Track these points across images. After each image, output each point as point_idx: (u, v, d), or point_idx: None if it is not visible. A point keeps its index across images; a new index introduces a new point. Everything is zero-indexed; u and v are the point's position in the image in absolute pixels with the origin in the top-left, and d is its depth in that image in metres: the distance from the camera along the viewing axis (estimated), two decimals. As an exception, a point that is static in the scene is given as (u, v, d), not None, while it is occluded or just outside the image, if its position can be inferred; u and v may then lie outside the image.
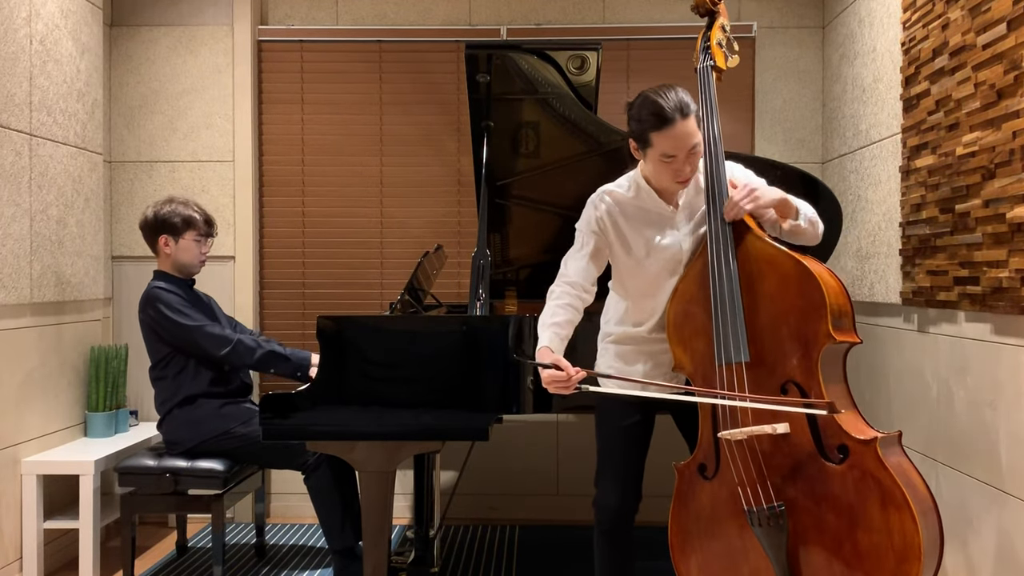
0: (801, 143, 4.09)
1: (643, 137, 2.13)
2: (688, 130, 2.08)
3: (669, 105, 2.06)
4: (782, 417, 2.03)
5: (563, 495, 4.11)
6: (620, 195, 2.27)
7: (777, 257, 2.09)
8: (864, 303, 3.53)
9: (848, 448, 1.97)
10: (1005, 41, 2.42)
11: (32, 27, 3.30)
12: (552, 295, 2.27)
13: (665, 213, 2.24)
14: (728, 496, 2.13)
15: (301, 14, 4.17)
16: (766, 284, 2.09)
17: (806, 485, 2.02)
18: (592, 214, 2.28)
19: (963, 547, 2.74)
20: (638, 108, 2.12)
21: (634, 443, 2.35)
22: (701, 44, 2.34)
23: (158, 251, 3.24)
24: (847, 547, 1.97)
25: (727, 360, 2.08)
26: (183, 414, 3.12)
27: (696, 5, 2.40)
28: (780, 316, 2.07)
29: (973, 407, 2.67)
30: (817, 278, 2.02)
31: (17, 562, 3.20)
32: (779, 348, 2.07)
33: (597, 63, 2.98)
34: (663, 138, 2.09)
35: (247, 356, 3.09)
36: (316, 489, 3.09)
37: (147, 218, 3.23)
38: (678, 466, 2.23)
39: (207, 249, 3.30)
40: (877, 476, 1.93)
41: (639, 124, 2.12)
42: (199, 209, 3.27)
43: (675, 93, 2.09)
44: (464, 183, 4.13)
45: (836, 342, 2.02)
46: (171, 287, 3.19)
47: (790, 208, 2.16)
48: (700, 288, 2.17)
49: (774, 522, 2.03)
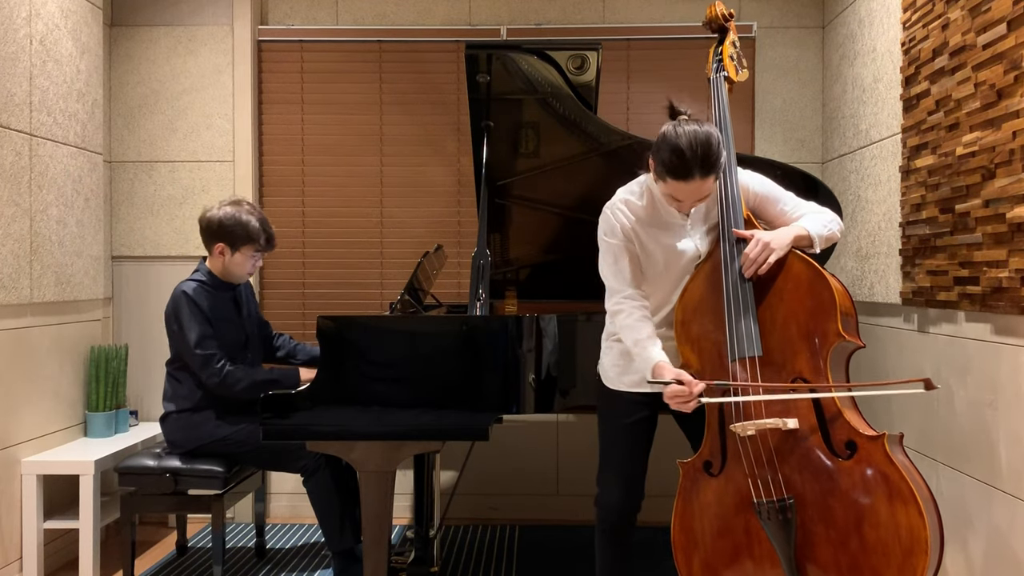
0: (801, 143, 4.09)
1: (660, 172, 2.14)
2: (703, 188, 2.11)
3: (693, 158, 2.05)
4: (792, 412, 2.07)
5: (563, 495, 4.11)
6: (634, 204, 2.29)
7: (787, 258, 2.15)
8: (864, 303, 3.53)
9: (856, 444, 2.01)
10: (1005, 41, 2.42)
11: (32, 27, 3.30)
12: (620, 313, 2.24)
13: (677, 221, 2.27)
14: (734, 492, 2.14)
15: (301, 14, 4.17)
16: (776, 284, 2.14)
17: (814, 480, 2.05)
18: (616, 224, 2.28)
19: (963, 547, 2.74)
20: (665, 146, 2.10)
21: (637, 441, 2.36)
22: (714, 57, 2.41)
23: (212, 253, 3.17)
24: (854, 541, 1.99)
25: (740, 355, 2.12)
26: (184, 418, 3.12)
27: (708, 20, 2.46)
28: (790, 315, 2.12)
29: (973, 407, 2.67)
30: (828, 279, 2.09)
31: (17, 562, 3.20)
32: (789, 346, 2.11)
33: (597, 63, 2.98)
34: (675, 186, 2.12)
35: (232, 387, 3.04)
36: (315, 492, 3.09)
37: (210, 220, 3.13)
38: (682, 463, 2.24)
39: (260, 263, 3.25)
40: (885, 472, 1.96)
41: (658, 159, 2.12)
42: (264, 223, 3.16)
43: (705, 144, 2.06)
44: (464, 183, 4.13)
45: (845, 340, 2.07)
46: (204, 291, 3.12)
47: (805, 241, 2.20)
48: (709, 288, 2.21)
49: (783, 515, 2.05)
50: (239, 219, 3.12)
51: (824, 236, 2.23)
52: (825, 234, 2.23)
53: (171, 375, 3.17)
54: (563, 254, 3.42)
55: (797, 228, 2.21)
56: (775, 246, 2.14)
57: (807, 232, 2.20)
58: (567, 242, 3.37)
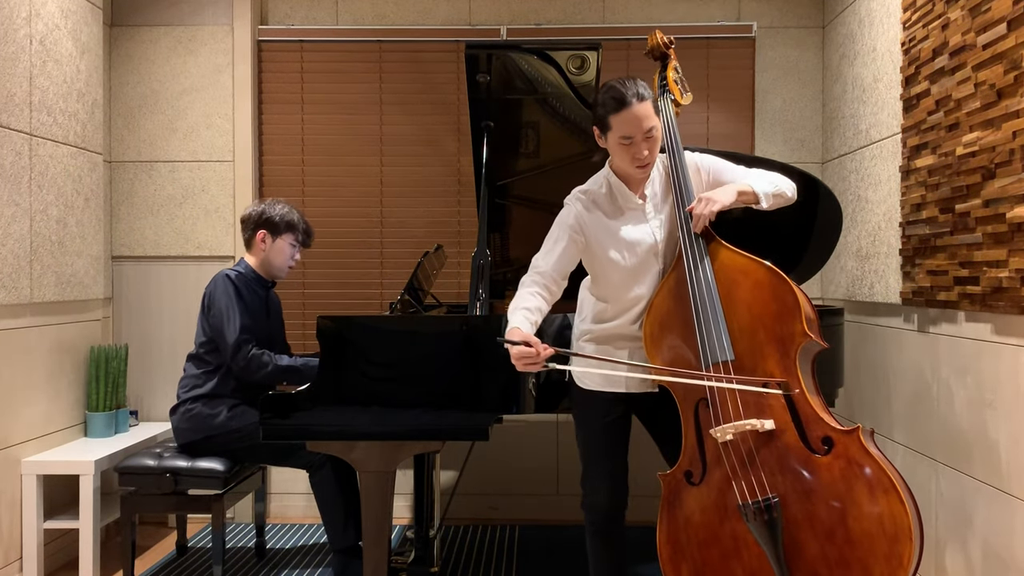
0: (801, 143, 4.09)
1: (604, 121, 2.24)
2: (644, 113, 2.20)
3: (627, 91, 2.20)
4: (767, 413, 2.10)
5: (563, 495, 4.11)
6: (593, 191, 2.35)
7: (749, 266, 2.20)
8: (864, 303, 3.53)
9: (832, 439, 2.05)
10: (1005, 41, 2.43)
11: (32, 27, 3.30)
12: (523, 284, 2.31)
13: (635, 206, 2.32)
14: (718, 498, 2.16)
15: (301, 14, 4.17)
16: (741, 291, 2.19)
17: (795, 478, 2.07)
18: (569, 211, 2.34)
19: (963, 547, 2.74)
20: (601, 95, 2.26)
21: (615, 439, 2.38)
22: (659, 82, 2.52)
23: (253, 245, 3.29)
24: (840, 534, 2.00)
25: (713, 360, 2.16)
26: (197, 407, 3.13)
27: (650, 49, 2.57)
28: (757, 319, 2.16)
29: (973, 407, 2.67)
30: (790, 283, 2.15)
31: (17, 562, 3.20)
32: (758, 350, 2.15)
33: (597, 63, 2.98)
34: (621, 120, 2.20)
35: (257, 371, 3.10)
36: (320, 487, 3.10)
37: (252, 212, 3.30)
38: (663, 475, 2.26)
39: (299, 257, 3.38)
40: (863, 463, 2.00)
41: (602, 108, 2.25)
42: (302, 219, 3.36)
43: (633, 82, 2.22)
44: (464, 183, 4.13)
45: (811, 340, 2.11)
46: (245, 278, 3.23)
47: (750, 196, 2.26)
48: (676, 301, 2.24)
49: (768, 515, 2.06)
50: (280, 210, 3.31)
51: (770, 193, 2.27)
52: (771, 191, 2.27)
53: (198, 357, 3.20)
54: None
55: (740, 184, 2.27)
56: (716, 198, 2.21)
57: (751, 188, 2.25)
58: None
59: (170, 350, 4.05)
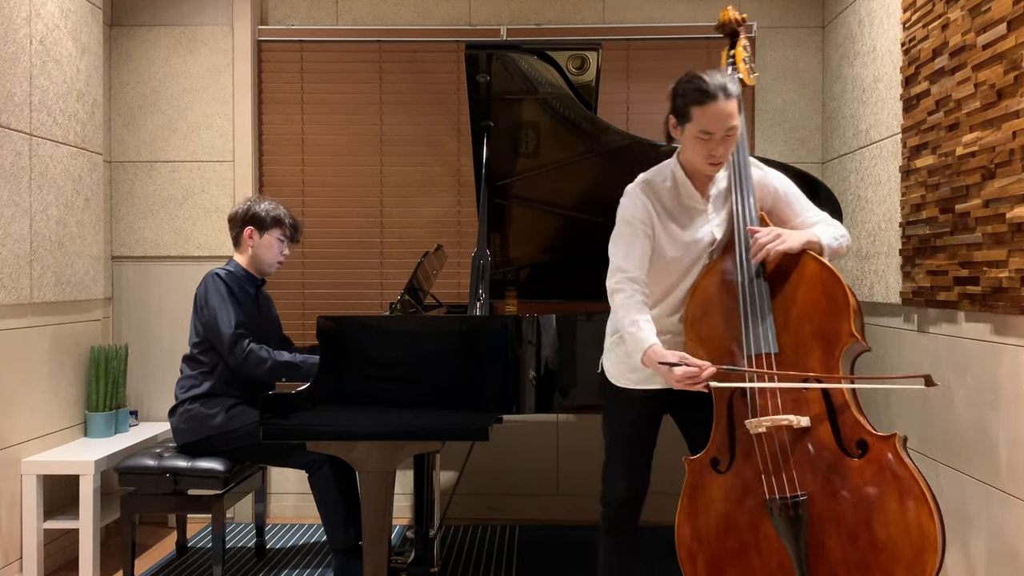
0: (801, 143, 4.09)
1: (684, 111, 2.16)
2: (728, 110, 2.12)
3: (714, 83, 2.12)
4: (804, 410, 2.09)
5: (563, 495, 4.11)
6: (657, 183, 2.28)
7: (801, 258, 2.18)
8: (864, 303, 3.53)
9: (867, 443, 2.03)
10: (1005, 41, 2.42)
11: (32, 27, 3.30)
12: (621, 292, 2.20)
13: (699, 206, 2.27)
14: (742, 489, 2.14)
15: (301, 14, 4.17)
16: (790, 283, 2.17)
17: (825, 478, 2.06)
18: (638, 204, 2.25)
19: (962, 546, 2.74)
20: (683, 83, 2.17)
21: (643, 437, 2.37)
22: (727, 60, 2.46)
23: (241, 242, 3.30)
24: (864, 539, 2.00)
25: (756, 351, 2.13)
26: (196, 408, 3.13)
27: (721, 24, 2.50)
28: (804, 314, 2.14)
29: (973, 407, 2.67)
30: (842, 281, 2.12)
31: (17, 562, 3.20)
32: (802, 345, 2.13)
33: (597, 63, 2.98)
34: (703, 114, 2.12)
35: (256, 367, 3.09)
36: (320, 487, 3.09)
37: (238, 210, 3.32)
38: (689, 460, 2.23)
39: (287, 252, 3.38)
40: (897, 471, 1.99)
41: (682, 98, 2.16)
42: (289, 214, 3.37)
43: (721, 75, 2.15)
44: (464, 183, 4.13)
45: (857, 341, 2.09)
46: (235, 276, 3.24)
47: (815, 247, 2.21)
48: (720, 286, 2.22)
49: (795, 512, 2.05)
50: (266, 206, 3.31)
51: (833, 248, 2.24)
52: (835, 246, 2.24)
53: (193, 358, 3.20)
54: (563, 254, 3.42)
55: (810, 233, 2.22)
56: (787, 239, 2.16)
57: (818, 240, 2.21)
58: (567, 242, 3.37)
59: (170, 350, 4.05)
